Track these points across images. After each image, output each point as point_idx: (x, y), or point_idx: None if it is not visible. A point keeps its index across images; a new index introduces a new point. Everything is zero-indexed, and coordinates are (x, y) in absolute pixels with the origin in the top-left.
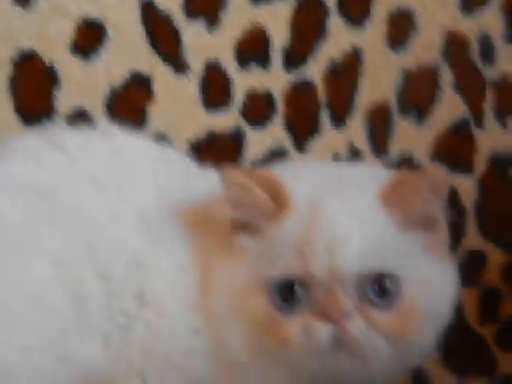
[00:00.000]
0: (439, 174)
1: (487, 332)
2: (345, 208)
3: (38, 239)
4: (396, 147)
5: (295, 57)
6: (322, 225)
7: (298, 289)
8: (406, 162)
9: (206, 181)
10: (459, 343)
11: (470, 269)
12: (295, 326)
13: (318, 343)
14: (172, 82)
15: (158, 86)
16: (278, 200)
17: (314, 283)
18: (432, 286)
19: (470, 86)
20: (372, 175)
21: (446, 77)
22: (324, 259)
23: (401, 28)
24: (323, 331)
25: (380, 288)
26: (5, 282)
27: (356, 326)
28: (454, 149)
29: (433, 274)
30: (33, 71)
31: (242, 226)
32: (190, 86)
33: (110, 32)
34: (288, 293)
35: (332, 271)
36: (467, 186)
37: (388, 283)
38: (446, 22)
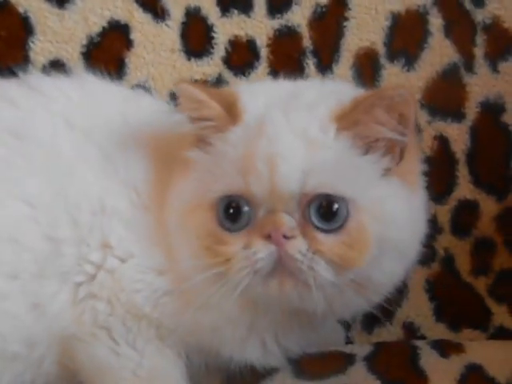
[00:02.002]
0: (396, 93)
1: (481, 284)
2: (290, 126)
3: (13, 180)
4: None
5: (279, 2)
6: (265, 141)
7: (243, 207)
8: None
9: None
10: (452, 296)
11: (462, 219)
12: (237, 244)
13: (258, 262)
14: (151, 29)
15: (136, 35)
16: (231, 114)
17: (256, 202)
18: (389, 212)
19: (460, 30)
20: (333, 95)
21: (435, 21)
22: (264, 177)
23: None
24: (263, 251)
25: (326, 211)
26: None
27: (296, 248)
28: (445, 95)
29: (391, 200)
30: (7, 21)
31: (197, 141)
32: (169, 34)
33: None
34: (234, 211)
35: (272, 190)
36: (458, 134)
37: (334, 206)
38: None
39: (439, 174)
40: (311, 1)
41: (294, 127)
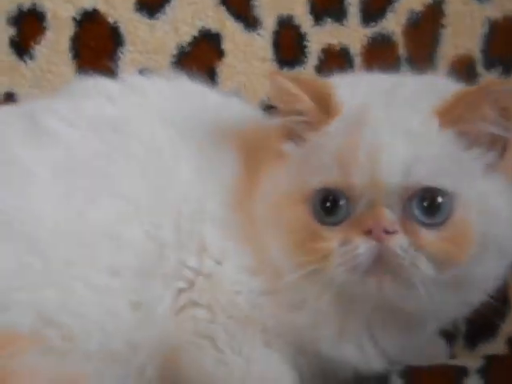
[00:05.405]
0: (502, 88)
1: None
2: (392, 119)
3: (113, 177)
4: None
5: (373, 10)
6: (367, 133)
7: (340, 200)
8: None
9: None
10: None
11: None
12: (335, 239)
13: (357, 258)
14: (243, 38)
15: (227, 44)
16: (325, 108)
17: (355, 195)
18: (492, 207)
19: None
20: (434, 89)
21: None
22: (366, 168)
23: None
24: (363, 246)
25: (429, 204)
26: (71, 215)
27: (398, 243)
28: None
29: (495, 195)
30: (96, 31)
31: (289, 133)
32: (261, 43)
33: None
34: (331, 204)
35: (374, 181)
36: None
37: (438, 200)
38: None
39: None
40: (406, 8)
41: (396, 121)
